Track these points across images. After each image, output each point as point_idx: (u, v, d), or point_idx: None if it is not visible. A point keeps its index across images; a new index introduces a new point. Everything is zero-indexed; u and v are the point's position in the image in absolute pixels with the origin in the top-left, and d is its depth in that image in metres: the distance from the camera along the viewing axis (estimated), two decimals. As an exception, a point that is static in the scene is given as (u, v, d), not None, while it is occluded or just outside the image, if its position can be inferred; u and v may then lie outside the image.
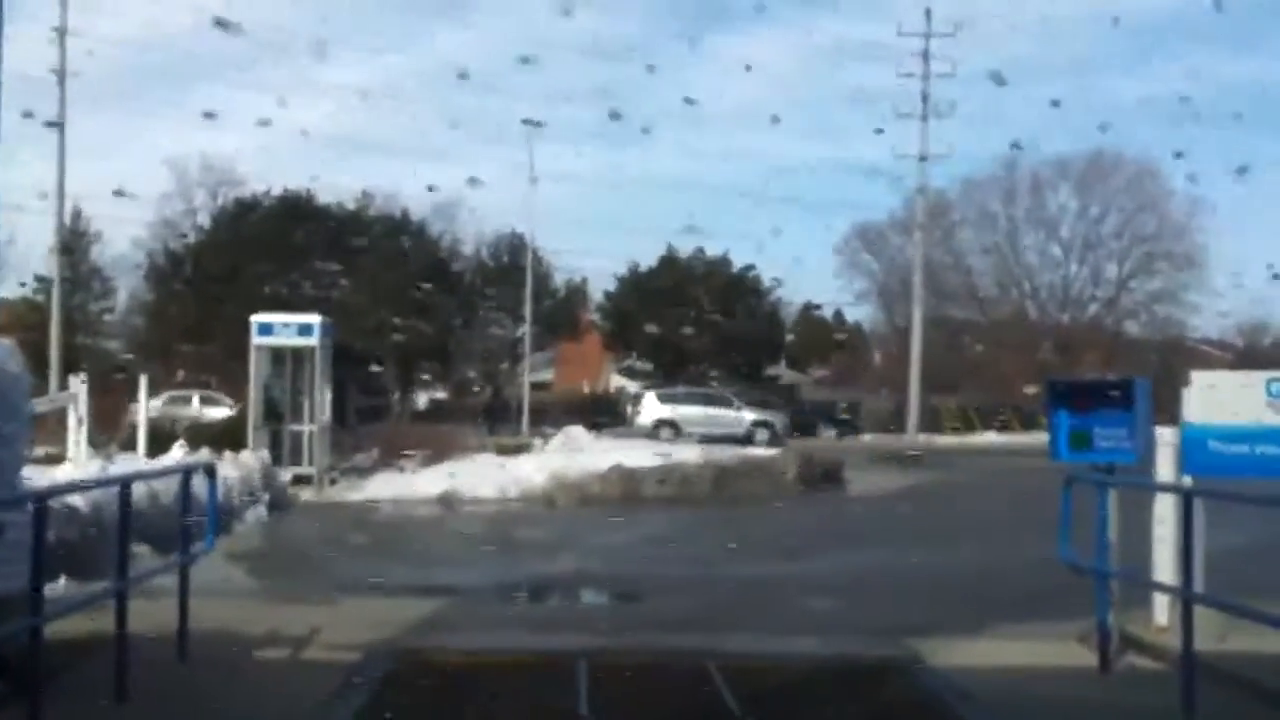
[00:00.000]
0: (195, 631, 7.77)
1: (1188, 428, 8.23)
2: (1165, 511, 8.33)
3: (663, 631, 9.63)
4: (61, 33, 41.63)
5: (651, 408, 40.00)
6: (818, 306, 68.74)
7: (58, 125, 41.24)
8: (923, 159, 53.93)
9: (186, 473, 8.01)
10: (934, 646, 8.52)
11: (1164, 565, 8.36)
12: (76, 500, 11.88)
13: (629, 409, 40.40)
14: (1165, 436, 8.56)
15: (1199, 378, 8.48)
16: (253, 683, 7.35)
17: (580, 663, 7.95)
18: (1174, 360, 54.62)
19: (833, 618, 10.66)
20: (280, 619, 9.14)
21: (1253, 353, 61.01)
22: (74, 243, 52.24)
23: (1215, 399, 8.14)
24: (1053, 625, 9.14)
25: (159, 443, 21.49)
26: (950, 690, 7.46)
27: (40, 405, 18.45)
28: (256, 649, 8.15)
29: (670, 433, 36.23)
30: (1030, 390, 55.85)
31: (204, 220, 54.76)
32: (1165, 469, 8.53)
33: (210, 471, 8.29)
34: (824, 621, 10.51)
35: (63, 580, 10.75)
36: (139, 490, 13.36)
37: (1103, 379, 9.40)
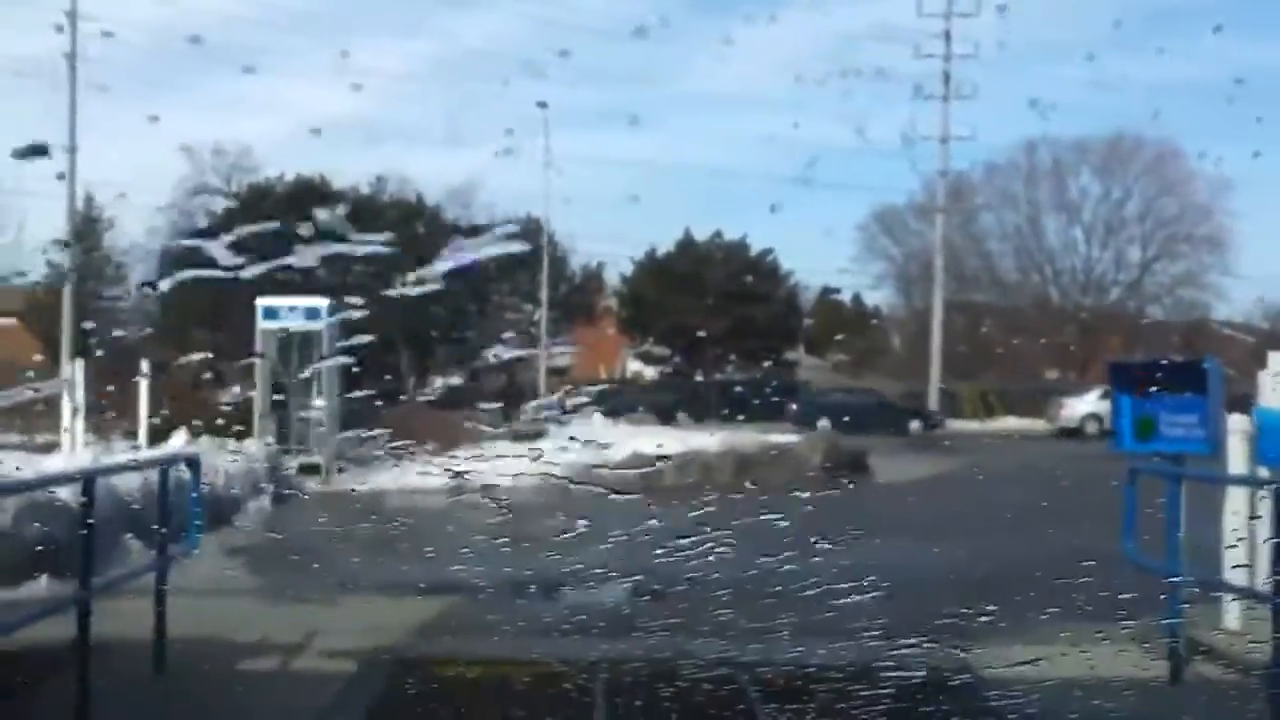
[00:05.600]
0: (178, 638, 7.12)
1: (1265, 414, 7.48)
2: (1240, 507, 7.60)
3: (687, 636, 8.97)
4: (72, 16, 41.13)
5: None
6: (836, 290, 68.02)
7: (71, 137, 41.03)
8: (944, 141, 53.07)
9: (165, 466, 7.31)
10: (984, 654, 7.84)
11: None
12: (64, 494, 11.24)
13: None
14: (1238, 424, 7.82)
15: (1277, 359, 7.73)
16: (233, 699, 6.67)
17: (599, 672, 7.28)
18: (1197, 344, 53.74)
19: (870, 620, 9.92)
20: (273, 622, 8.52)
21: (1278, 335, 60.05)
22: (86, 229, 51.72)
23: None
24: (1109, 627, 8.43)
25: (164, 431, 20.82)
26: (1009, 707, 6.74)
27: (30, 392, 17.83)
28: (242, 658, 7.49)
29: None
30: (1052, 375, 55.08)
31: (218, 206, 54.19)
32: (1237, 459, 7.81)
33: (193, 463, 7.56)
34: (861, 624, 9.77)
35: (44, 580, 10.16)
36: (133, 481, 12.75)
37: (1171, 361, 8.68)
